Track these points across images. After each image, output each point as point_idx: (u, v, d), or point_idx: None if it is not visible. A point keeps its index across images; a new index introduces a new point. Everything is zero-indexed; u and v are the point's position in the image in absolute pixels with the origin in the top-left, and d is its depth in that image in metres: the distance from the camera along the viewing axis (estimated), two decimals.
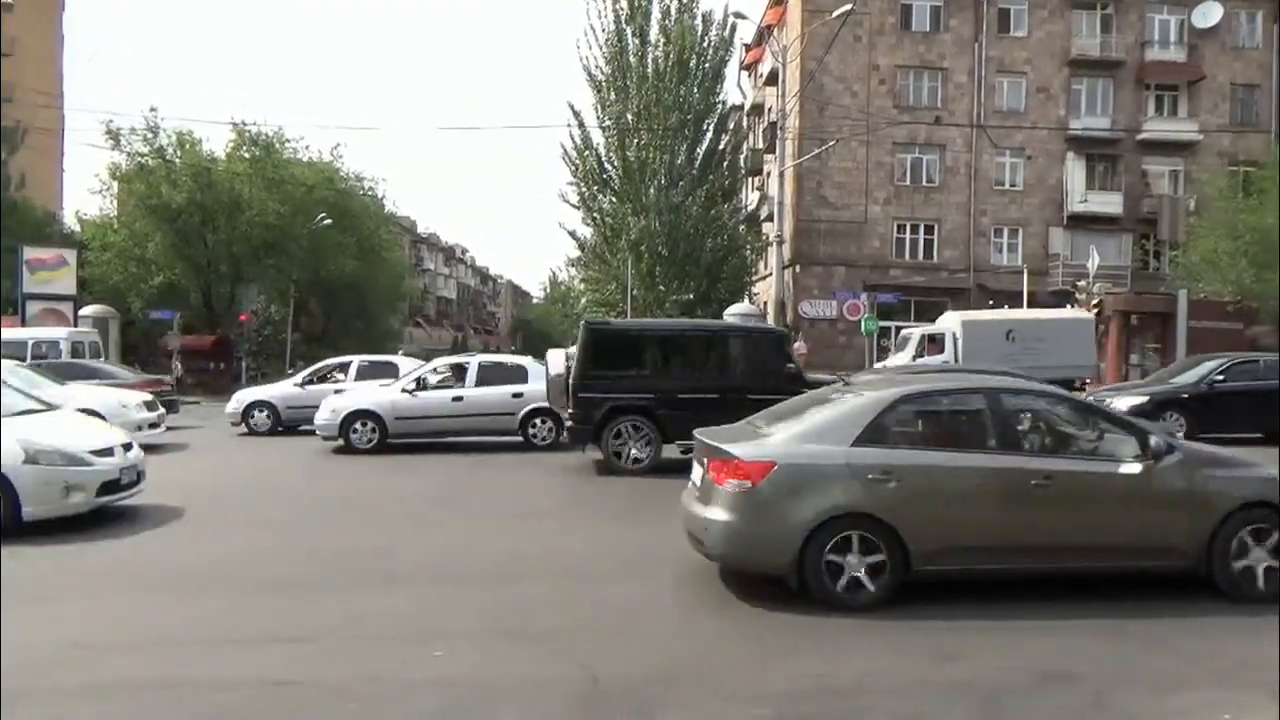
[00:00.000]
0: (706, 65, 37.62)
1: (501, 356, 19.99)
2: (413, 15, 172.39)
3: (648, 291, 36.80)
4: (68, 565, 7.51)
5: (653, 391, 12.66)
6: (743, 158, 42.01)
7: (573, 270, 49.17)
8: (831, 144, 33.51)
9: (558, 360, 13.60)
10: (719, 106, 38.98)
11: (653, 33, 37.51)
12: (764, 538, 6.04)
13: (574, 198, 39.12)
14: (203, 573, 7.20)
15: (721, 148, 39.52)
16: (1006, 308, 28.71)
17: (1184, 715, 4.45)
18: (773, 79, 36.17)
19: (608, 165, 38.34)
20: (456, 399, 15.38)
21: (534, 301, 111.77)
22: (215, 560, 7.60)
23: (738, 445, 6.28)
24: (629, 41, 37.47)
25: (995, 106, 36.95)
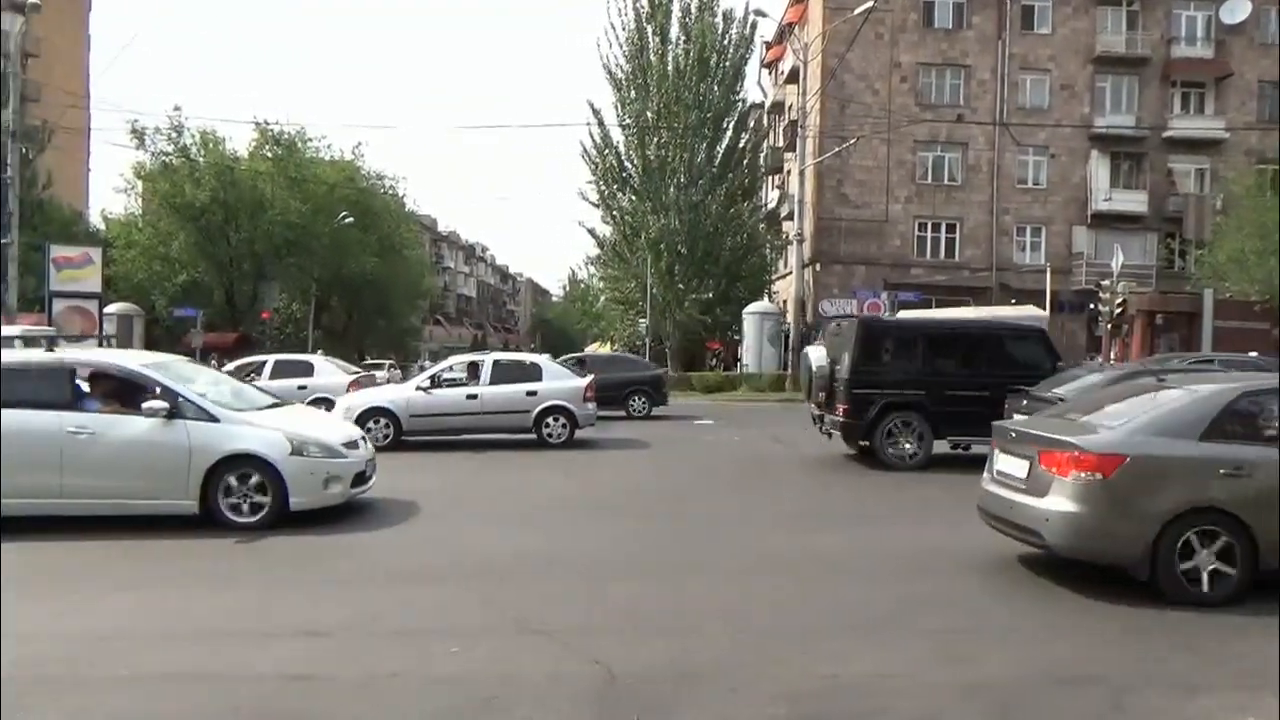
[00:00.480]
0: (727, 63, 37.54)
1: (517, 354, 20.02)
2: (431, 15, 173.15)
3: (667, 290, 36.78)
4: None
5: (924, 387, 12.84)
6: (763, 156, 41.89)
7: (592, 268, 49.27)
8: (852, 142, 33.36)
9: (819, 355, 13.87)
10: (739, 104, 38.90)
11: (673, 31, 37.49)
12: (1115, 530, 6.14)
13: (594, 196, 39.22)
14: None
15: (742, 146, 39.44)
16: (1025, 304, 28.47)
17: (1204, 718, 4.38)
18: (793, 77, 36.08)
19: (628, 163, 38.34)
20: (471, 397, 15.39)
21: (553, 300, 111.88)
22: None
23: (1079, 437, 6.37)
24: (649, 40, 37.46)
25: (1018, 104, 36.64)
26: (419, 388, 15.56)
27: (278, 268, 38.85)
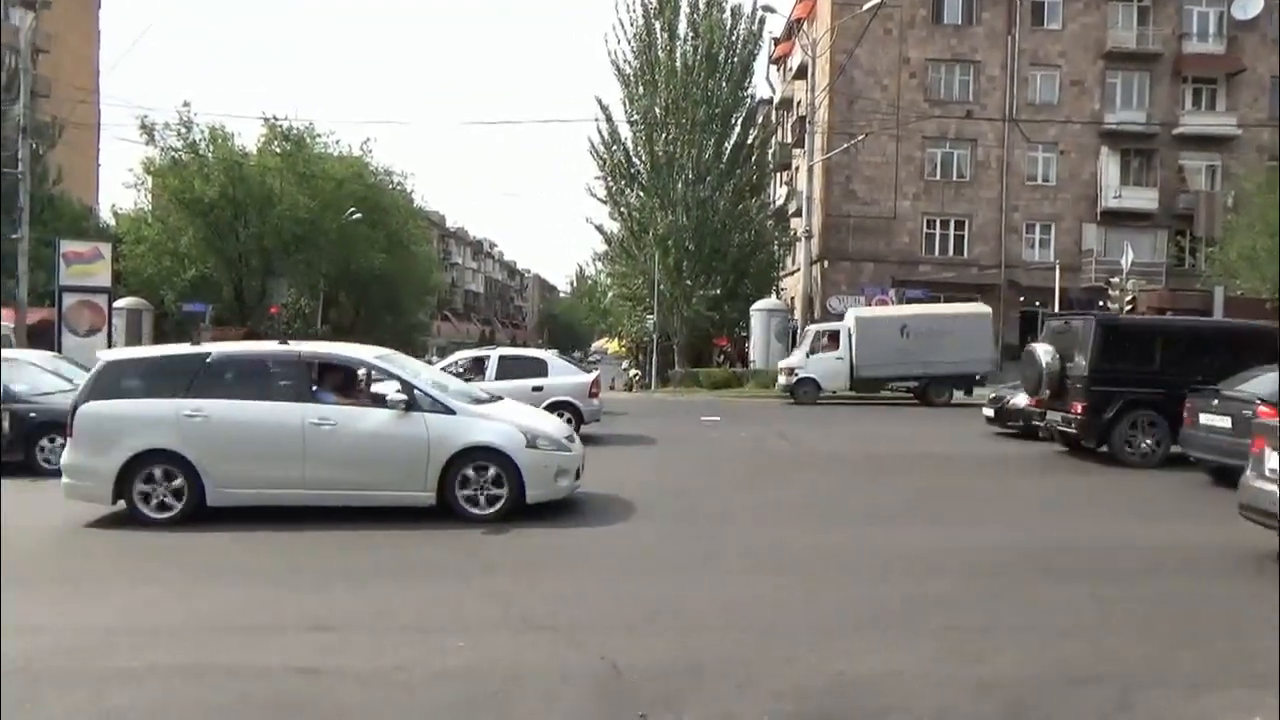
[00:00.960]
0: (735, 59, 37.41)
1: (522, 350, 19.90)
2: (440, 11, 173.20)
3: (674, 286, 36.74)
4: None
5: (1163, 386, 12.82)
6: (771, 152, 41.78)
7: (600, 265, 49.21)
8: (861, 138, 33.26)
9: (1048, 352, 13.85)
10: (747, 101, 38.77)
11: (681, 26, 37.37)
12: None
13: (602, 192, 39.13)
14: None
15: (750, 142, 39.33)
16: (1035, 304, 28.36)
17: (1212, 716, 4.36)
18: (802, 73, 35.96)
19: (635, 160, 38.27)
20: None
21: (561, 295, 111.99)
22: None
23: None
24: (657, 35, 37.35)
25: (1028, 100, 36.48)
26: None
27: (286, 263, 38.93)
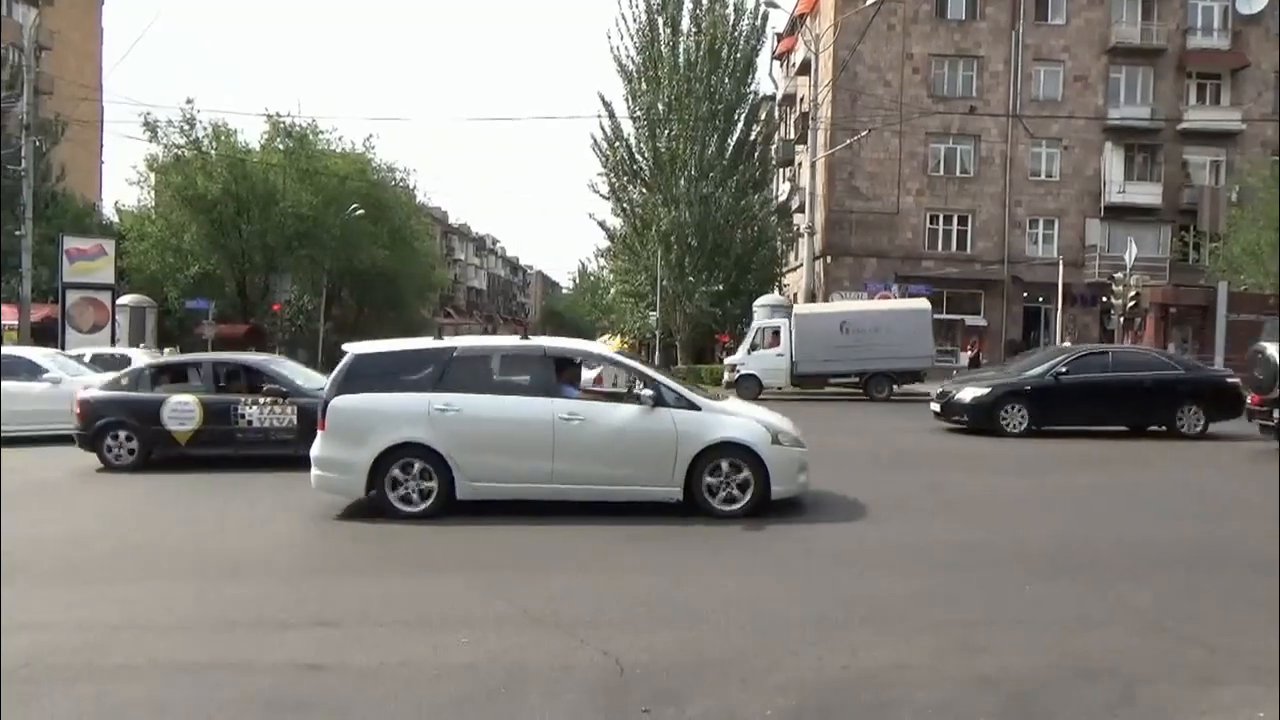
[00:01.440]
0: (738, 55, 37.40)
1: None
2: (443, 7, 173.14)
3: (677, 282, 36.75)
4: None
5: None
6: (774, 148, 41.77)
7: (602, 261, 49.23)
8: (864, 134, 33.22)
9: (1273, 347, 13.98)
10: (750, 96, 38.77)
11: (684, 22, 37.37)
12: None
13: (604, 188, 39.17)
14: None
15: (752, 138, 39.32)
16: (1039, 300, 28.34)
17: (1216, 712, 4.36)
18: (805, 68, 35.91)
19: (638, 156, 38.28)
20: None
21: (563, 291, 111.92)
22: None
23: None
24: (660, 31, 37.35)
25: (1032, 95, 36.43)
26: None
27: (289, 260, 38.95)
